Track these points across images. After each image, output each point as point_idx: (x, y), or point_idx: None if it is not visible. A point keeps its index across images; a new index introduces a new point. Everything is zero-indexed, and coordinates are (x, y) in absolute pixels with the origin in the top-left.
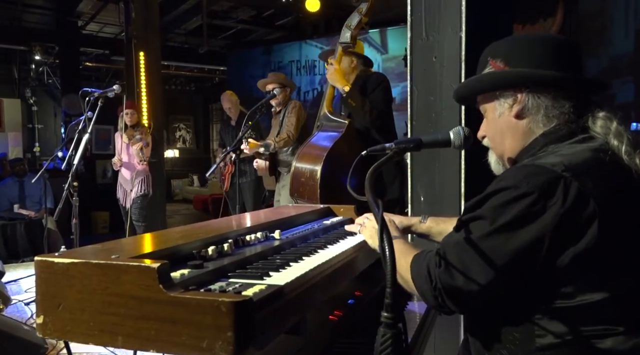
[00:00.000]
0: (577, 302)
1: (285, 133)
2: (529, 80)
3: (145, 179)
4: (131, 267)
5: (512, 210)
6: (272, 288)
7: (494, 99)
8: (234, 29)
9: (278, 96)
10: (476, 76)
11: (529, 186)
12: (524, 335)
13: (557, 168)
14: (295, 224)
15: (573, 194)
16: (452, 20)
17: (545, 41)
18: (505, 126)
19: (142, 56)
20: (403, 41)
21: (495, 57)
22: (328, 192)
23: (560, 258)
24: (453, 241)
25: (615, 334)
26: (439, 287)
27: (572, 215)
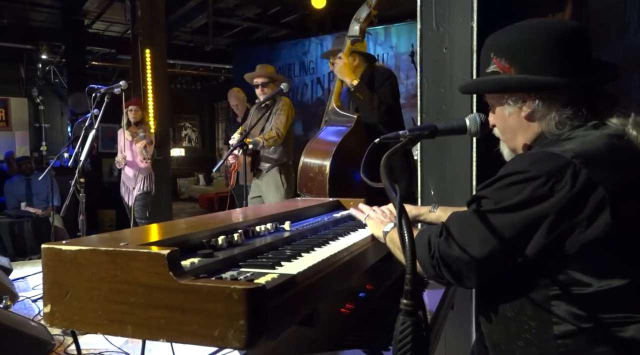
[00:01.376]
0: (595, 289)
1: (274, 131)
2: (537, 87)
3: (148, 177)
4: (140, 254)
5: (518, 192)
6: (285, 277)
7: (502, 100)
8: (240, 27)
9: (266, 91)
10: (481, 78)
11: (537, 170)
12: (540, 324)
13: (567, 154)
14: (305, 217)
15: (582, 181)
16: (463, 10)
17: (551, 37)
18: (516, 125)
19: (148, 54)
20: (408, 38)
21: (499, 55)
22: (337, 187)
23: (568, 243)
24: (457, 215)
25: (636, 321)
26: (436, 256)
27: (580, 200)
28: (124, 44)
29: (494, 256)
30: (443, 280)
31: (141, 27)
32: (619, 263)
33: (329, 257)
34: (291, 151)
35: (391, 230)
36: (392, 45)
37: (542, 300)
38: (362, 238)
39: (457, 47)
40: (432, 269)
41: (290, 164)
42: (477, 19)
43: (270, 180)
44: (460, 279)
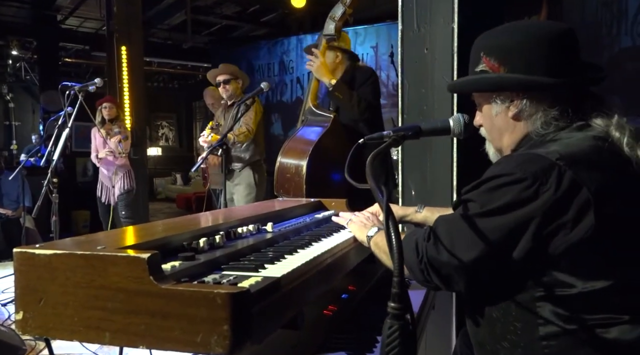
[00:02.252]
0: (579, 290)
1: (244, 127)
2: (526, 87)
3: (127, 174)
4: (119, 258)
5: (504, 195)
6: (269, 280)
7: (490, 99)
8: (218, 25)
9: (229, 88)
10: (470, 77)
11: (523, 173)
12: (525, 325)
13: (552, 156)
14: (287, 218)
15: (567, 183)
16: (443, 11)
17: (541, 38)
18: (503, 125)
19: (124, 51)
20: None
21: (488, 54)
22: (314, 188)
23: (553, 244)
24: (444, 218)
25: (620, 322)
26: (424, 260)
27: (565, 202)
28: (98, 40)
29: (483, 260)
30: (431, 284)
31: (117, 23)
32: (604, 264)
33: (312, 259)
34: (263, 150)
35: (375, 234)
36: (372, 45)
37: (528, 301)
38: (345, 239)
39: (437, 48)
40: (421, 274)
41: (262, 163)
42: (457, 21)
43: (241, 181)
44: (449, 283)
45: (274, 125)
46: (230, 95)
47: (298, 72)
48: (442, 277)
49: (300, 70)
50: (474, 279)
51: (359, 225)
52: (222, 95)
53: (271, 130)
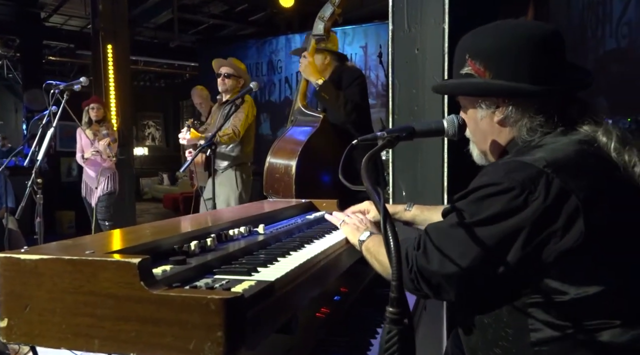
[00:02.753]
0: (571, 296)
1: (230, 128)
2: (512, 94)
3: (111, 176)
4: (109, 263)
5: (492, 205)
6: (263, 284)
7: (476, 103)
8: (206, 24)
9: (227, 83)
10: (456, 81)
11: (511, 182)
12: (517, 331)
13: (539, 164)
14: (278, 219)
15: (555, 190)
16: (434, 11)
17: (527, 42)
18: (488, 129)
19: (110, 49)
20: (376, 39)
21: (474, 57)
22: (303, 188)
23: (544, 253)
24: (434, 227)
25: (612, 327)
26: (414, 270)
27: (554, 211)
28: (83, 38)
29: (473, 270)
30: (421, 293)
31: (103, 21)
32: (594, 270)
33: (305, 262)
34: (251, 152)
35: (367, 239)
36: (361, 45)
37: (519, 307)
38: (338, 241)
39: (428, 48)
40: (411, 283)
41: (249, 166)
42: (448, 21)
43: (224, 181)
44: (438, 293)
45: (262, 125)
46: (225, 90)
47: (286, 72)
48: (432, 287)
49: (288, 70)
50: (463, 289)
51: (352, 228)
52: (218, 87)
53: (259, 130)
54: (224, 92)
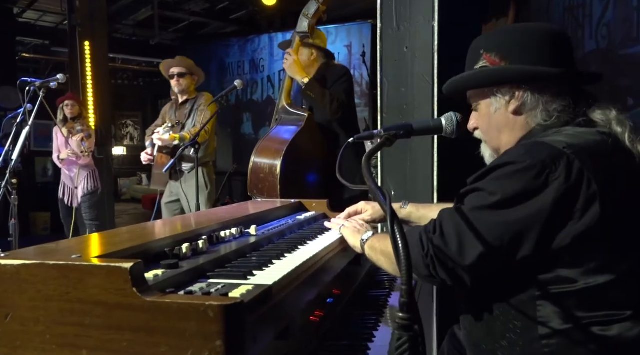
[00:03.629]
0: (581, 285)
1: (199, 127)
2: (530, 77)
3: (91, 174)
4: (98, 269)
5: (515, 183)
6: (260, 288)
7: (490, 95)
8: (186, 21)
9: (182, 83)
10: (471, 71)
11: (532, 160)
12: (525, 324)
13: (559, 145)
14: (269, 220)
15: (576, 172)
16: (424, 9)
17: (541, 35)
18: (502, 121)
19: (87, 47)
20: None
21: (489, 50)
22: (288, 188)
23: (559, 237)
24: (451, 211)
25: (621, 319)
26: (430, 254)
27: (574, 192)
28: (59, 35)
29: (493, 252)
30: (436, 280)
31: (80, 17)
32: (606, 257)
33: (301, 264)
34: (214, 151)
35: (370, 238)
36: (346, 44)
37: (528, 300)
38: (331, 242)
39: (418, 46)
40: (426, 269)
41: (211, 165)
42: (438, 19)
43: (193, 182)
44: (455, 277)
45: (245, 124)
46: (182, 90)
47: (269, 71)
48: (449, 271)
49: (271, 69)
50: (481, 273)
51: (352, 231)
52: (174, 88)
53: (242, 130)
54: (180, 93)
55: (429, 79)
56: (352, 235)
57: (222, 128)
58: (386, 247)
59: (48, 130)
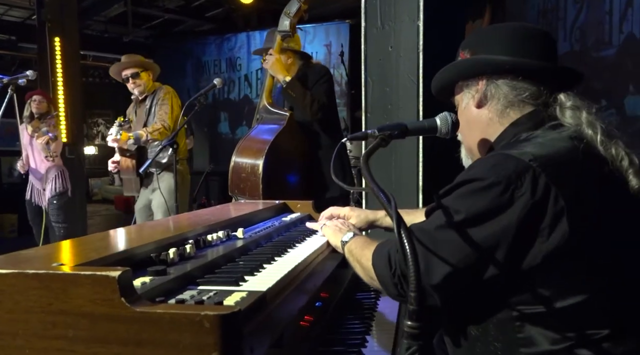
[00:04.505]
0: (557, 305)
1: (159, 123)
2: (485, 65)
3: (60, 174)
4: (82, 278)
5: (479, 201)
6: (255, 295)
7: (462, 90)
8: (160, 18)
9: (140, 83)
10: (443, 68)
11: (497, 176)
12: (506, 345)
13: (525, 157)
14: (254, 222)
15: (542, 186)
16: (409, 8)
17: (516, 29)
18: (470, 117)
19: (57, 43)
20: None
21: (463, 48)
22: (271, 188)
23: (529, 256)
24: (418, 227)
25: (601, 338)
26: (398, 273)
27: (540, 209)
28: (26, 30)
29: (460, 272)
30: (405, 299)
31: (49, 12)
32: (580, 275)
33: (294, 268)
34: (185, 148)
35: (350, 240)
36: (325, 44)
37: (507, 320)
38: (320, 245)
39: (403, 45)
40: (394, 288)
41: (185, 162)
42: (423, 19)
43: (161, 185)
44: (423, 298)
45: (221, 124)
46: (142, 90)
47: (246, 70)
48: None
49: (248, 68)
50: (450, 293)
51: (333, 230)
52: (133, 91)
53: (218, 129)
54: (140, 93)
55: (414, 79)
56: (333, 234)
57: (198, 127)
58: (361, 257)
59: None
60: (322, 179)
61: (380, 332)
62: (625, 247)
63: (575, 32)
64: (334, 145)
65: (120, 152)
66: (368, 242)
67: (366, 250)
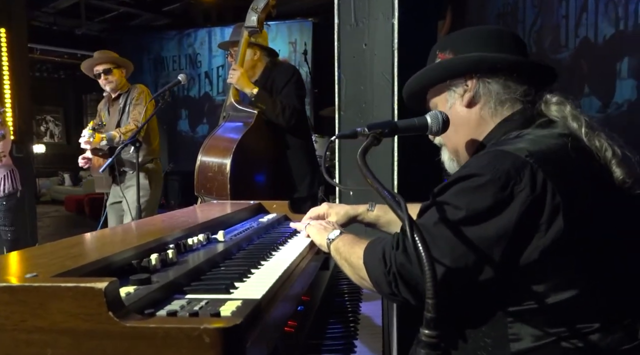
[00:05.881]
0: (550, 300)
1: (132, 123)
2: (479, 64)
3: (9, 175)
4: (63, 290)
5: (480, 198)
6: (250, 304)
7: (445, 90)
8: (115, 11)
9: (112, 79)
10: (425, 68)
11: (495, 172)
12: (497, 341)
13: (521, 153)
14: (231, 224)
15: (540, 181)
16: (383, 6)
17: (492, 30)
18: (457, 117)
19: (3, 34)
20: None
21: (443, 49)
22: (239, 187)
23: (527, 251)
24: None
25: (591, 331)
26: (393, 271)
27: (539, 204)
28: None
29: (458, 270)
30: (398, 298)
31: None
32: (573, 271)
33: (283, 273)
34: (158, 147)
35: (337, 238)
36: (291, 41)
37: (498, 317)
38: (303, 247)
39: (377, 43)
40: (388, 286)
41: (158, 162)
42: (398, 16)
43: (134, 184)
44: (419, 296)
45: (181, 121)
46: (114, 87)
47: (207, 67)
48: (411, 289)
49: (209, 65)
50: (446, 292)
51: (318, 228)
52: (105, 87)
53: (178, 127)
54: (113, 90)
55: (389, 77)
56: (318, 233)
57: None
58: (350, 255)
59: None
60: (290, 178)
61: (367, 335)
62: (615, 240)
63: (533, 35)
64: (302, 145)
65: (93, 151)
66: (356, 239)
67: (356, 248)
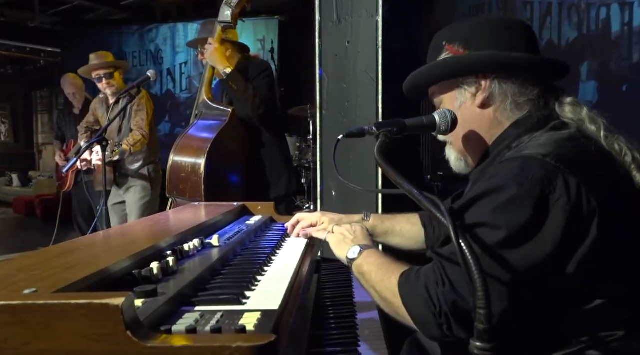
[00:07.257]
0: (577, 310)
1: (138, 134)
2: (498, 64)
3: None
4: (73, 308)
5: (518, 214)
6: (271, 316)
7: (454, 88)
8: (69, 4)
9: (113, 83)
10: (433, 63)
11: (529, 183)
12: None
13: (550, 159)
14: (220, 227)
15: (574, 188)
16: (367, 3)
17: (504, 22)
18: (468, 117)
19: None
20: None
21: (452, 41)
22: (214, 188)
23: (571, 262)
24: (449, 251)
25: (614, 340)
26: (444, 311)
27: (578, 210)
28: None
29: (520, 297)
30: (450, 339)
31: None
32: (600, 280)
33: (292, 280)
34: (157, 148)
35: (359, 256)
36: (259, 39)
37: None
38: (301, 251)
39: (361, 41)
40: (439, 329)
41: (157, 162)
42: (382, 14)
43: (136, 184)
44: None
45: None
46: (116, 91)
47: (170, 63)
48: (467, 327)
49: (172, 62)
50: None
51: (337, 240)
52: (105, 91)
53: None
54: (114, 94)
55: (373, 76)
56: (337, 245)
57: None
58: (382, 289)
59: None
60: (265, 177)
61: (369, 342)
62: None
63: None
64: (276, 143)
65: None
66: (383, 262)
67: (386, 279)
